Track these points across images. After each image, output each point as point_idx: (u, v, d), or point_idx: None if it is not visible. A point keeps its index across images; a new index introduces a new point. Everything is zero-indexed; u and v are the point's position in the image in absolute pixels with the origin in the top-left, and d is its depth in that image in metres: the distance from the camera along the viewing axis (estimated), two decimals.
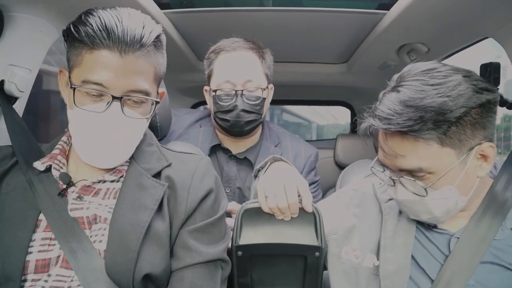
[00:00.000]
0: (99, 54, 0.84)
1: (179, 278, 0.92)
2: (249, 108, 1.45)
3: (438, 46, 1.78)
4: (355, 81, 2.57)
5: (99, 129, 0.88)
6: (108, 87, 0.86)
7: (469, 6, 1.32)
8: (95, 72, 0.84)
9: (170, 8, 1.67)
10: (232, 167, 1.59)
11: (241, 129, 1.49)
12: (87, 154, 0.92)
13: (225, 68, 1.48)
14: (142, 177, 0.96)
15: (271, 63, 1.57)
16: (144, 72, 0.90)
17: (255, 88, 1.47)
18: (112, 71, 0.85)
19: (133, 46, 0.85)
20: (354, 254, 1.03)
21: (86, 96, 0.87)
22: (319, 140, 5.30)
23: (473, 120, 0.89)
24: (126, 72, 0.86)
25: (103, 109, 0.86)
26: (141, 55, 0.88)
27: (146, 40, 0.87)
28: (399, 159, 0.92)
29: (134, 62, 0.87)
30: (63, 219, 0.88)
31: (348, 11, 1.65)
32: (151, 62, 0.92)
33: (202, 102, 3.13)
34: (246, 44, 1.49)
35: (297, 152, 1.63)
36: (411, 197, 0.95)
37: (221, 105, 1.46)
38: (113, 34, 0.83)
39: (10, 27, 1.18)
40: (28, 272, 0.83)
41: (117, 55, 0.85)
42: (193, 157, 1.07)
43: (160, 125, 1.32)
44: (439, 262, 0.96)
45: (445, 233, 1.00)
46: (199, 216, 0.97)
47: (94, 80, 0.85)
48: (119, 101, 0.87)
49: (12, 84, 1.15)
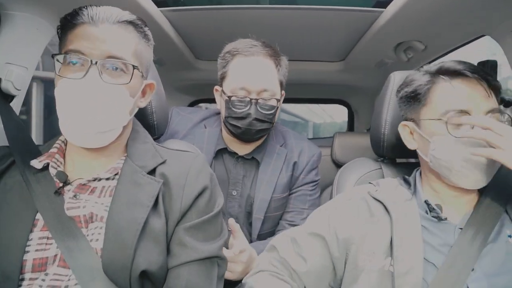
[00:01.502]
0: (79, 28, 0.91)
1: (176, 275, 0.92)
2: (262, 117, 1.44)
3: (435, 44, 1.79)
4: (352, 79, 2.58)
5: (78, 96, 0.88)
6: (86, 53, 0.89)
7: (466, 4, 1.32)
8: (75, 42, 0.90)
9: (167, 6, 1.67)
10: (240, 170, 1.58)
11: (251, 136, 1.48)
12: (70, 128, 0.91)
13: (241, 73, 1.45)
14: (137, 174, 0.96)
15: (286, 70, 1.54)
16: (121, 42, 0.94)
17: (270, 97, 1.45)
18: (90, 38, 0.90)
19: (109, 20, 0.92)
20: (368, 259, 1.01)
21: (67, 67, 0.90)
22: (316, 138, 5.31)
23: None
24: (103, 40, 0.91)
25: (82, 76, 0.88)
26: (118, 27, 0.94)
27: (122, 17, 0.94)
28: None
29: (110, 30, 0.92)
30: (60, 218, 0.88)
31: (345, 9, 1.65)
32: (130, 37, 0.96)
33: (200, 100, 3.13)
34: (264, 50, 1.46)
35: (301, 150, 1.63)
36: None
37: (234, 111, 1.44)
38: (92, 11, 0.92)
39: (7, 25, 1.17)
40: (25, 271, 0.83)
41: (94, 27, 0.91)
42: (188, 155, 1.07)
43: (157, 123, 1.32)
44: (444, 254, 0.97)
45: (448, 224, 1.01)
46: (195, 213, 0.97)
47: (73, 47, 0.90)
48: (96, 66, 0.89)
49: (8, 82, 1.15)
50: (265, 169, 1.57)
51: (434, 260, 0.97)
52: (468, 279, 0.93)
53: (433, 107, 1.03)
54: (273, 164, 1.57)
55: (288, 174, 1.59)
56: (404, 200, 1.08)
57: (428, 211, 1.05)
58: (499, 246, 0.97)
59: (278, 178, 1.56)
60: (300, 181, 1.62)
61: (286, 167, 1.59)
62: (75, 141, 0.93)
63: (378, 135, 1.31)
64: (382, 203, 1.08)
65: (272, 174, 1.56)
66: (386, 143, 1.29)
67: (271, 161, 1.58)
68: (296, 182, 1.62)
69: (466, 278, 0.92)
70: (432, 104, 1.04)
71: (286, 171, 1.58)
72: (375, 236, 1.03)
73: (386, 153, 1.33)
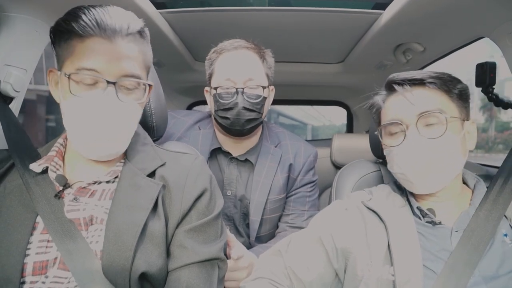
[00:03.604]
0: (90, 41, 0.87)
1: (176, 278, 0.91)
2: (249, 106, 1.44)
3: (434, 46, 1.79)
4: (352, 81, 2.58)
5: (95, 115, 0.89)
6: (102, 72, 0.87)
7: (465, 6, 1.32)
8: (88, 58, 0.87)
9: (166, 8, 1.67)
10: (233, 170, 1.58)
11: (241, 127, 1.47)
12: (84, 144, 0.92)
13: (226, 66, 1.47)
14: (137, 176, 0.97)
15: (272, 64, 1.56)
16: (134, 57, 0.93)
17: (256, 86, 1.46)
18: (104, 56, 0.87)
19: (121, 33, 0.89)
20: (367, 268, 1.00)
21: (80, 85, 0.89)
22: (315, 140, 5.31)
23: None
24: (117, 57, 0.89)
25: (98, 95, 0.88)
26: (129, 41, 0.91)
27: (132, 27, 0.92)
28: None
29: (124, 47, 0.90)
30: (60, 221, 0.88)
31: (344, 11, 1.65)
32: (139, 49, 0.95)
33: (199, 102, 3.14)
34: (247, 44, 1.49)
35: (297, 151, 1.63)
36: None
37: (221, 102, 1.44)
38: (102, 22, 0.87)
39: (6, 27, 1.17)
40: (26, 274, 0.83)
41: (107, 42, 0.88)
42: (187, 157, 1.07)
43: (156, 125, 1.31)
44: (442, 259, 0.97)
45: (443, 228, 1.01)
46: (195, 215, 0.97)
47: (88, 66, 0.87)
48: (113, 86, 0.88)
49: (7, 84, 1.15)
50: (260, 170, 1.56)
51: (433, 267, 0.96)
52: (468, 284, 0.92)
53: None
54: (267, 165, 1.57)
55: (284, 175, 1.59)
56: (397, 207, 1.08)
57: (421, 217, 1.05)
58: (496, 247, 0.96)
59: (273, 179, 1.56)
60: (298, 183, 1.61)
61: (281, 168, 1.58)
62: (88, 156, 0.95)
63: (377, 136, 1.30)
64: (375, 212, 1.08)
65: (267, 175, 1.56)
66: None
67: (265, 162, 1.58)
68: (294, 184, 1.61)
69: (466, 284, 0.91)
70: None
71: (281, 172, 1.58)
72: (372, 245, 1.02)
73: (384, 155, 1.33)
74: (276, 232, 1.60)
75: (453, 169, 1.03)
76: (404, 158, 1.03)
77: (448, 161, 1.01)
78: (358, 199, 1.14)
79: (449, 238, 0.99)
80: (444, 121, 1.00)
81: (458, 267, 0.93)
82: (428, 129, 1.01)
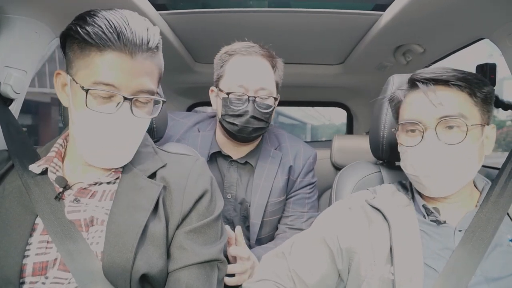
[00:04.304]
0: (109, 55, 0.85)
1: (175, 279, 0.91)
2: (259, 116, 1.44)
3: (434, 47, 1.79)
4: (352, 82, 2.58)
5: (109, 130, 0.89)
6: (119, 88, 0.87)
7: (465, 7, 1.32)
8: (106, 73, 0.85)
9: (166, 9, 1.67)
10: (234, 173, 1.58)
11: (248, 135, 1.47)
12: (95, 155, 0.93)
13: (239, 71, 1.45)
14: (138, 177, 0.97)
15: (282, 73, 1.55)
16: (151, 73, 0.92)
17: (267, 96, 1.45)
18: (123, 72, 0.86)
19: (142, 48, 0.87)
20: (370, 268, 1.00)
21: (96, 98, 0.87)
22: (315, 141, 5.31)
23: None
24: (136, 73, 0.88)
25: (113, 110, 0.88)
26: (148, 56, 0.90)
27: (152, 42, 0.90)
28: None
29: (143, 63, 0.89)
30: (60, 222, 0.88)
31: (344, 12, 1.65)
32: (156, 64, 0.95)
33: (198, 103, 3.13)
34: (262, 51, 1.47)
35: (297, 153, 1.63)
36: None
37: (231, 108, 1.44)
38: (123, 36, 0.84)
39: (6, 28, 1.17)
40: (26, 275, 0.83)
41: (128, 57, 0.86)
42: (188, 158, 1.07)
43: (157, 126, 1.32)
44: (445, 258, 0.96)
45: (447, 227, 1.01)
46: (195, 217, 0.97)
47: (106, 81, 0.85)
48: (129, 102, 0.88)
49: (7, 85, 1.15)
50: (260, 173, 1.56)
51: (434, 265, 0.96)
52: (469, 283, 0.92)
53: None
54: (268, 168, 1.57)
55: (284, 177, 1.58)
56: (402, 206, 1.08)
57: (426, 215, 1.05)
58: (500, 250, 0.96)
59: (274, 182, 1.56)
60: (298, 185, 1.61)
61: (281, 171, 1.58)
62: (99, 165, 0.96)
63: (377, 138, 1.31)
64: (379, 210, 1.07)
65: (267, 178, 1.56)
66: (385, 146, 1.29)
67: (265, 165, 1.57)
68: (293, 186, 1.61)
69: (467, 283, 0.91)
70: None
71: (281, 175, 1.58)
72: (375, 245, 1.02)
73: (385, 156, 1.33)
74: (276, 234, 1.60)
75: (468, 175, 1.02)
76: (419, 160, 1.02)
77: (463, 167, 1.00)
78: (362, 198, 1.14)
79: (452, 237, 0.99)
80: (465, 128, 0.97)
81: (459, 266, 0.93)
82: (447, 133, 0.99)
